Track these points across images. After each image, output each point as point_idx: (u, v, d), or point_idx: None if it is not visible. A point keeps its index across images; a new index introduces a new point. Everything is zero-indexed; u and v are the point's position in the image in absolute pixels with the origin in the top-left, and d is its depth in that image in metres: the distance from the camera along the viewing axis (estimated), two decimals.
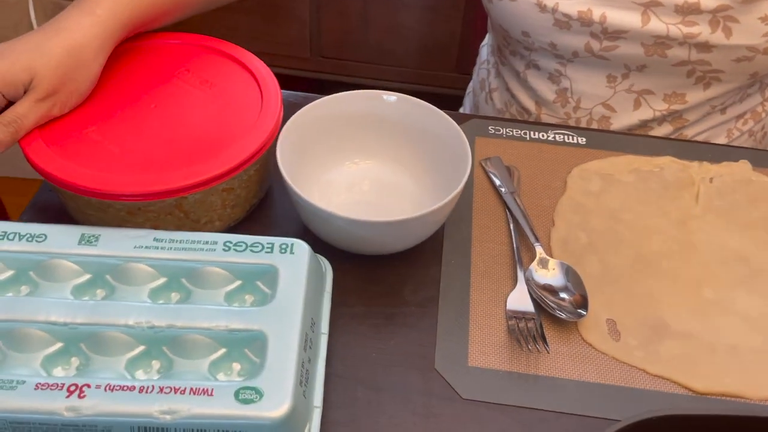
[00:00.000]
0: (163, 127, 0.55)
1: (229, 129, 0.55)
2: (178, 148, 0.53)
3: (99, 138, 0.53)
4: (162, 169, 0.51)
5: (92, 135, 0.54)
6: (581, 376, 0.51)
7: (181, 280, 0.48)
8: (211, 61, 0.61)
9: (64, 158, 0.51)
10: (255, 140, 0.53)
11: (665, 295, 0.56)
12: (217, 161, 0.51)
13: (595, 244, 0.59)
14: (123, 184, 0.49)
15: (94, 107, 0.56)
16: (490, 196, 0.63)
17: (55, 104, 0.53)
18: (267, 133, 0.54)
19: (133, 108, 0.56)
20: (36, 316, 0.44)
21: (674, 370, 0.51)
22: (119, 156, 0.52)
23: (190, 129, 0.55)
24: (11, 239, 0.48)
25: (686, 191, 0.64)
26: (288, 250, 0.48)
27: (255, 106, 0.57)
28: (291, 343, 0.43)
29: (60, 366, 0.44)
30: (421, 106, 0.60)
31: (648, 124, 0.76)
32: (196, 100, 0.57)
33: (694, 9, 0.64)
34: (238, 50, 0.62)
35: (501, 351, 0.52)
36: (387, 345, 0.52)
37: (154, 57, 0.61)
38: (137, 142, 0.53)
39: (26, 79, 0.52)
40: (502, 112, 0.85)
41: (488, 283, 0.56)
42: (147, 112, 0.56)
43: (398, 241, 0.54)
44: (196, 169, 0.50)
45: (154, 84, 0.59)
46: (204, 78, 0.59)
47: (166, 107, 0.57)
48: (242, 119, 0.55)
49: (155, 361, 0.45)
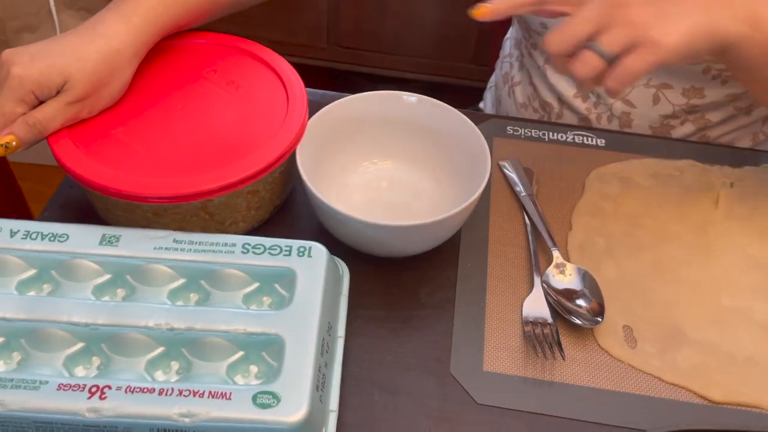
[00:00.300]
0: (190, 128, 0.55)
1: (255, 132, 0.55)
2: (205, 150, 0.53)
3: (126, 139, 0.54)
4: (188, 171, 0.51)
5: (120, 136, 0.54)
6: (596, 383, 0.51)
7: (200, 282, 0.48)
8: (238, 62, 0.61)
9: (93, 159, 0.52)
10: (280, 144, 0.53)
11: (683, 302, 0.56)
12: (243, 164, 0.51)
13: (612, 249, 0.59)
14: (150, 187, 0.50)
15: (123, 107, 0.56)
16: (508, 197, 0.63)
17: (84, 107, 0.54)
18: (292, 137, 0.54)
19: (161, 108, 0.57)
20: (58, 316, 0.44)
21: (691, 379, 0.51)
22: (146, 157, 0.52)
23: (216, 131, 0.55)
24: (34, 239, 0.48)
25: (706, 196, 0.63)
26: (306, 254, 0.49)
27: (281, 108, 0.57)
28: (308, 348, 0.43)
29: (81, 365, 0.45)
30: (441, 108, 0.60)
31: (669, 122, 0.75)
32: (223, 102, 0.57)
33: None
34: (266, 51, 0.62)
35: (516, 356, 0.52)
36: (403, 348, 0.52)
37: (181, 57, 0.61)
38: (164, 143, 0.54)
39: (60, 82, 0.52)
40: (525, 107, 0.84)
41: (504, 287, 0.56)
42: (174, 113, 0.56)
43: (416, 244, 0.54)
44: (222, 173, 0.51)
45: (181, 84, 0.59)
46: (231, 79, 0.59)
47: (192, 108, 0.57)
48: (268, 122, 0.56)
49: (174, 362, 0.45)
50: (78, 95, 0.53)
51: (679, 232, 0.60)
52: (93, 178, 0.50)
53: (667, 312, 0.55)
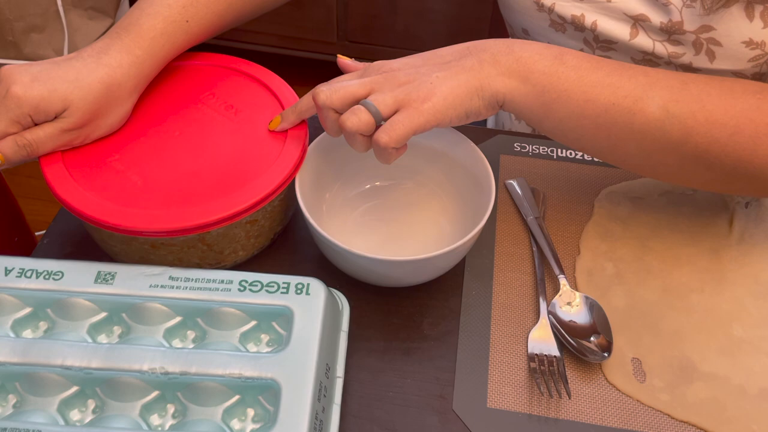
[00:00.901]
0: (187, 156, 0.54)
1: (254, 159, 0.54)
2: (202, 179, 0.52)
3: (122, 167, 0.53)
4: (185, 202, 0.50)
5: (115, 164, 0.53)
6: (603, 421, 0.49)
7: (196, 320, 0.48)
8: (237, 85, 0.60)
9: (87, 189, 0.51)
10: (280, 172, 0.52)
11: (693, 332, 0.54)
12: (241, 195, 0.50)
13: (622, 275, 0.57)
14: (146, 220, 0.49)
15: (119, 133, 0.55)
16: (514, 219, 0.62)
17: (79, 136, 0.53)
18: (292, 164, 0.53)
19: (158, 135, 0.56)
20: (52, 359, 0.44)
21: (701, 415, 0.50)
22: (142, 188, 0.51)
23: (214, 159, 0.54)
24: (29, 277, 0.48)
25: (720, 217, 0.61)
26: (304, 291, 0.48)
27: (280, 134, 0.55)
28: (305, 393, 0.42)
29: (77, 408, 0.44)
30: (448, 132, 0.58)
31: None
32: (221, 128, 0.56)
33: (677, 29, 0.60)
34: (265, 72, 0.61)
35: (520, 392, 0.51)
36: (404, 383, 0.51)
37: (179, 79, 0.60)
38: (160, 172, 0.53)
39: (60, 108, 0.51)
40: (519, 119, 0.82)
41: (510, 316, 0.55)
42: (171, 140, 0.55)
43: (417, 276, 0.53)
44: (219, 204, 0.50)
45: (179, 109, 0.58)
46: (229, 103, 0.58)
47: (190, 135, 0.56)
48: (267, 148, 0.54)
49: (170, 404, 0.44)
50: (76, 123, 0.52)
51: (690, 256, 0.59)
52: (87, 210, 0.49)
53: (676, 343, 0.53)
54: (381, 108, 0.48)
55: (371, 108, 0.48)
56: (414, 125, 0.48)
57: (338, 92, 0.50)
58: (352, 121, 0.48)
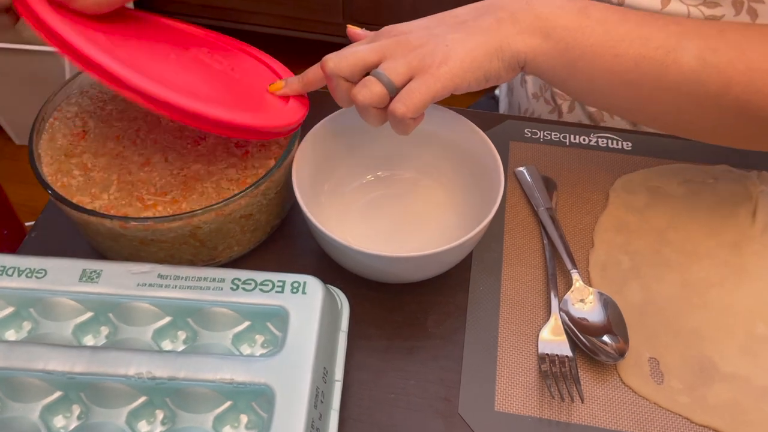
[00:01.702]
0: (196, 79, 0.50)
1: (260, 100, 0.51)
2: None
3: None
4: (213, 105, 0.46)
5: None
6: (618, 425, 0.47)
7: (186, 320, 0.45)
8: (236, 56, 0.57)
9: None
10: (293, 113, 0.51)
11: (713, 330, 0.51)
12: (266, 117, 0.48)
13: (638, 269, 0.54)
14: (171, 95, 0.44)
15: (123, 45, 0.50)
16: (524, 210, 0.59)
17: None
18: (301, 114, 0.51)
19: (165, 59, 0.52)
20: (34, 364, 0.41)
21: (722, 419, 0.47)
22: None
23: (220, 89, 0.51)
24: (10, 275, 0.45)
25: (742, 207, 0.58)
26: (300, 290, 0.45)
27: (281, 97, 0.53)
28: (300, 400, 0.40)
29: (61, 414, 0.42)
30: (453, 118, 0.55)
31: None
32: (222, 73, 0.53)
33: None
34: (265, 55, 0.58)
35: (530, 394, 0.48)
36: (407, 384, 0.49)
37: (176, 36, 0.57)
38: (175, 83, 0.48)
39: None
40: (537, 97, 0.79)
41: (519, 314, 0.52)
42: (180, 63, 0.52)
43: (421, 272, 0.50)
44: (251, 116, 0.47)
45: (181, 49, 0.54)
46: (230, 66, 0.55)
47: (195, 67, 0.53)
48: (270, 100, 0.52)
49: (159, 410, 0.42)
50: None
51: (710, 249, 0.55)
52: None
53: (695, 341, 0.50)
54: (393, 77, 0.46)
55: (383, 78, 0.46)
56: (431, 92, 0.45)
57: (347, 59, 0.47)
58: (363, 94, 0.46)
